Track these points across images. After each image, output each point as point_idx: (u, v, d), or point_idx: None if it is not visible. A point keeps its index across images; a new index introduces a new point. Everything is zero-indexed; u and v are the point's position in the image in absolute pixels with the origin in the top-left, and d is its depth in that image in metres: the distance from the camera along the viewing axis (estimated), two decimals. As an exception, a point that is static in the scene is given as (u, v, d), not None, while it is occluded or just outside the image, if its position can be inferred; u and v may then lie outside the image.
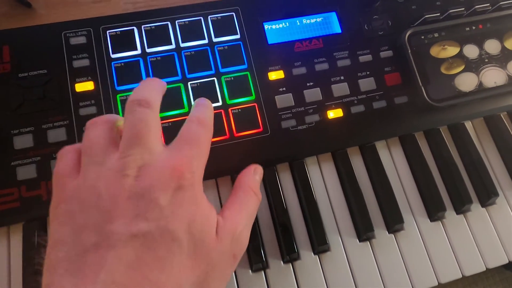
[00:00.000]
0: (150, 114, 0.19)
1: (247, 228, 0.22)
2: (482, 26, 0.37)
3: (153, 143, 0.18)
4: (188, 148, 0.19)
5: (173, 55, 0.33)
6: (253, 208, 0.23)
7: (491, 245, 0.32)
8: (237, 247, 0.21)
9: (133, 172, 0.17)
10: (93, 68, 0.31)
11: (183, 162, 0.18)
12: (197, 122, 0.21)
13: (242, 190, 0.23)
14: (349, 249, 0.31)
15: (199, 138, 0.20)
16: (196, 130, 0.20)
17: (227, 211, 0.21)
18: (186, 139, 0.20)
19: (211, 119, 0.22)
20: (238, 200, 0.23)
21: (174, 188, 0.18)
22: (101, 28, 0.33)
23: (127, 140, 0.18)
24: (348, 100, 0.34)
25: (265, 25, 0.35)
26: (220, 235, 0.19)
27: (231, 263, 0.20)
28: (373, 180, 0.34)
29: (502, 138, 0.36)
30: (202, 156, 0.20)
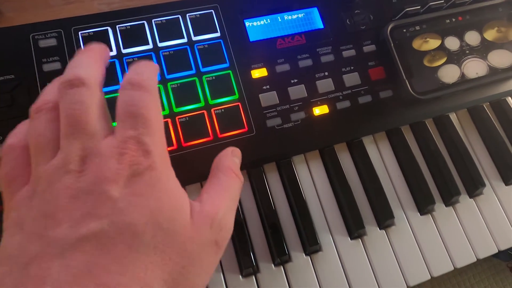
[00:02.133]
0: (85, 93, 0.16)
1: (231, 212, 0.19)
2: (462, 18, 0.37)
3: (95, 127, 0.16)
4: (130, 125, 0.16)
5: (151, 55, 0.31)
6: (235, 190, 0.20)
7: (481, 236, 0.32)
8: (220, 234, 0.17)
9: (75, 166, 0.15)
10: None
11: (130, 144, 0.15)
12: (130, 87, 0.16)
13: (221, 171, 0.20)
14: (341, 247, 0.31)
15: (141, 107, 0.16)
16: (132, 98, 0.16)
17: (205, 195, 0.18)
18: (124, 113, 0.16)
19: (149, 78, 0.17)
20: (218, 182, 0.19)
21: (128, 176, 0.15)
22: (72, 29, 0.31)
23: (64, 129, 0.15)
24: (333, 96, 0.34)
25: (246, 22, 0.34)
26: (196, 221, 0.17)
27: (214, 252, 0.17)
28: (362, 176, 0.33)
29: (486, 128, 0.36)
30: (154, 128, 0.16)
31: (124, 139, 0.15)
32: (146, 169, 0.15)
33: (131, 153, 0.15)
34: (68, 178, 0.15)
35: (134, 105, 0.16)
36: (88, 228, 0.14)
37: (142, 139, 0.16)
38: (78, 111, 0.15)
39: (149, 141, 0.16)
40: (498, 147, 0.35)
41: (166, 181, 0.16)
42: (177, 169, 0.29)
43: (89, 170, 0.15)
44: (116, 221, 0.14)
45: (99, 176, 0.15)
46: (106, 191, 0.15)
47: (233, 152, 0.23)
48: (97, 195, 0.15)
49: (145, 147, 0.16)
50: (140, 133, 0.16)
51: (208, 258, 0.17)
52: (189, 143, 0.30)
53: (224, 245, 0.18)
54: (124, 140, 0.15)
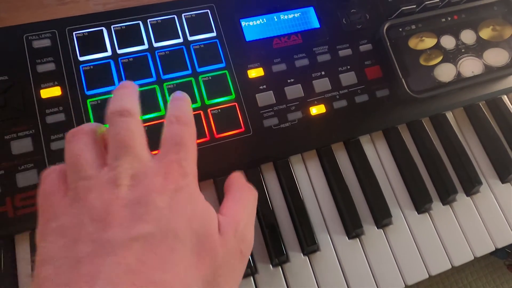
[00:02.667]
0: (133, 122, 0.19)
1: (250, 224, 0.21)
2: (457, 17, 0.37)
3: (140, 151, 0.18)
4: (175, 152, 0.19)
5: (146, 55, 0.31)
6: (252, 203, 0.22)
7: (478, 234, 0.33)
8: (243, 243, 0.20)
9: (126, 181, 0.17)
10: (60, 72, 0.29)
11: (174, 166, 0.18)
12: (176, 121, 0.20)
13: (235, 187, 0.23)
14: (339, 247, 0.30)
15: (183, 138, 0.20)
16: (177, 130, 0.20)
17: (225, 209, 0.21)
18: (170, 142, 0.19)
19: (190, 113, 0.21)
20: (235, 197, 0.22)
21: (171, 190, 0.18)
22: (66, 29, 0.31)
23: (114, 151, 0.18)
24: (330, 95, 0.34)
25: (242, 22, 0.34)
26: (223, 231, 0.19)
27: (239, 260, 0.20)
28: (359, 175, 0.33)
29: (482, 126, 0.36)
30: (191, 156, 0.20)
31: (169, 162, 0.18)
32: (184, 186, 0.18)
33: (174, 173, 0.18)
34: (119, 190, 0.17)
35: (179, 136, 0.20)
36: (138, 230, 0.16)
37: (183, 163, 0.19)
38: (128, 137, 0.18)
39: (187, 165, 0.19)
40: (494, 145, 0.36)
41: (198, 196, 0.19)
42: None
43: (139, 185, 0.17)
44: (161, 226, 0.16)
45: (147, 190, 0.17)
46: (153, 201, 0.17)
47: (241, 174, 0.25)
48: (145, 204, 0.17)
49: (184, 170, 0.19)
50: (181, 158, 0.19)
51: (235, 264, 0.19)
52: (185, 143, 0.30)
53: (248, 255, 0.20)
54: (169, 163, 0.18)
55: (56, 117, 0.28)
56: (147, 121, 0.30)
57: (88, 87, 0.29)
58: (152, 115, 0.30)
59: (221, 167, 0.30)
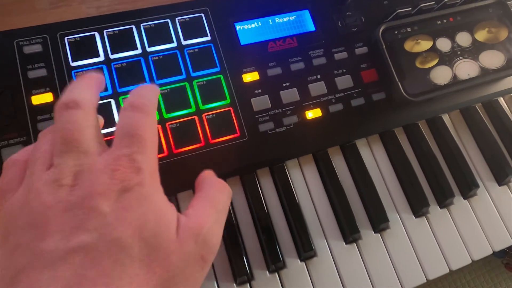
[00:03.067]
0: (79, 114, 0.17)
1: (217, 226, 0.19)
2: (453, 19, 0.37)
3: (88, 145, 0.16)
4: (125, 144, 0.17)
5: (140, 60, 0.31)
6: (223, 201, 0.20)
7: (475, 237, 0.32)
8: (205, 248, 0.18)
9: (68, 181, 0.15)
10: (51, 78, 0.29)
11: (123, 161, 0.16)
12: (130, 108, 0.18)
13: (207, 183, 0.20)
14: (336, 252, 0.30)
15: (137, 127, 0.17)
16: (131, 119, 0.17)
17: (191, 209, 0.19)
18: (121, 133, 0.17)
19: (151, 100, 0.19)
20: (204, 194, 0.20)
21: (118, 191, 0.16)
22: (58, 34, 0.30)
23: (58, 147, 0.16)
24: (326, 99, 0.33)
25: (237, 26, 0.34)
26: (181, 235, 0.17)
27: (199, 266, 0.17)
28: (356, 179, 0.33)
29: (478, 129, 0.36)
30: (147, 148, 0.17)
31: (118, 156, 0.16)
32: (135, 185, 0.16)
33: (123, 169, 0.16)
34: (60, 192, 0.15)
35: (132, 125, 0.17)
36: (78, 241, 0.14)
37: (135, 157, 0.16)
38: (72, 131, 0.16)
39: (141, 159, 0.17)
40: (490, 147, 0.35)
41: (153, 197, 0.17)
42: (168, 176, 0.29)
43: (81, 185, 0.15)
44: (104, 235, 0.15)
45: (90, 191, 0.15)
46: (97, 205, 0.15)
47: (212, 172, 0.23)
48: (87, 209, 0.15)
49: (137, 165, 0.16)
50: (133, 151, 0.17)
51: (193, 273, 0.17)
52: (180, 149, 0.29)
53: (210, 260, 0.18)
54: (118, 157, 0.16)
55: (48, 124, 0.28)
56: (140, 127, 0.29)
57: (81, 93, 0.29)
58: (146, 121, 0.29)
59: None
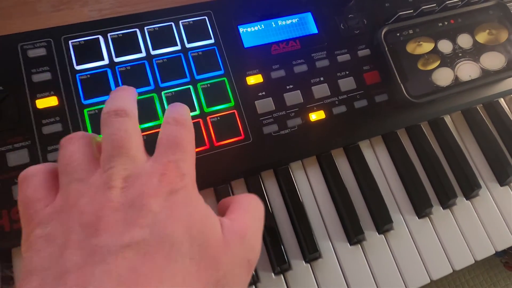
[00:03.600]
0: (128, 122, 0.18)
1: (258, 232, 0.20)
2: (454, 21, 0.37)
3: (135, 151, 0.17)
4: (171, 152, 0.18)
5: (144, 63, 0.31)
6: (260, 212, 0.21)
7: (478, 237, 0.33)
8: (251, 251, 0.18)
9: (119, 183, 0.16)
10: (56, 82, 0.29)
11: (170, 167, 0.17)
12: (174, 122, 0.19)
13: (243, 196, 0.22)
14: (341, 254, 0.30)
15: (181, 139, 0.19)
16: (175, 131, 0.19)
17: (232, 214, 0.20)
18: (167, 143, 0.18)
19: (188, 116, 0.20)
20: (243, 204, 0.21)
21: (166, 192, 0.16)
22: (62, 38, 0.30)
23: (108, 151, 0.17)
24: (329, 101, 0.34)
25: (240, 28, 0.34)
26: (228, 237, 0.18)
27: (246, 269, 0.18)
28: (359, 181, 0.33)
29: (480, 130, 0.37)
30: (189, 157, 0.19)
31: (166, 163, 0.17)
32: (181, 188, 0.17)
33: (170, 174, 0.17)
34: (111, 192, 0.16)
35: (177, 137, 0.18)
36: (131, 236, 0.15)
37: (180, 164, 0.18)
38: (123, 138, 0.17)
39: (185, 166, 0.18)
40: (492, 148, 0.36)
41: (197, 199, 0.18)
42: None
43: (131, 187, 0.16)
44: (156, 231, 0.15)
45: (141, 192, 0.16)
46: (148, 204, 0.16)
47: None
48: (139, 208, 0.15)
49: (182, 171, 0.17)
50: (178, 159, 0.18)
51: (240, 275, 0.18)
52: (185, 152, 0.29)
53: (255, 264, 0.19)
54: (165, 163, 0.17)
55: (53, 128, 0.28)
56: (145, 130, 0.29)
57: (85, 96, 0.29)
58: (151, 124, 0.30)
59: (221, 175, 0.30)
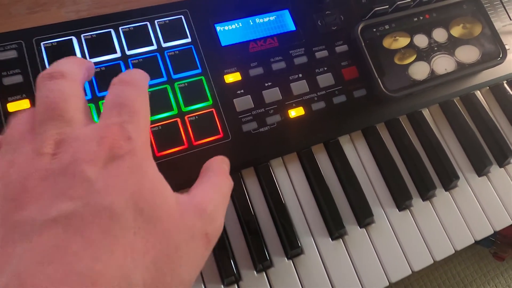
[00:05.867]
0: (65, 84, 0.16)
1: (222, 208, 0.18)
2: (429, 16, 0.38)
3: (73, 114, 0.15)
4: (116, 113, 0.16)
5: (119, 64, 0.30)
6: (226, 190, 0.20)
7: (458, 227, 0.33)
8: (211, 225, 0.17)
9: (49, 149, 0.14)
10: (28, 85, 0.28)
11: (113, 129, 0.15)
12: (119, 82, 0.17)
13: (212, 171, 0.20)
14: (323, 249, 0.30)
15: (127, 98, 0.16)
16: (121, 91, 0.17)
17: (195, 189, 0.18)
18: (111, 104, 0.16)
19: (140, 77, 0.18)
20: (209, 180, 0.19)
21: (106, 158, 0.14)
22: (34, 40, 0.30)
23: (40, 115, 0.15)
24: (308, 97, 0.34)
25: (217, 27, 0.34)
26: (184, 209, 0.16)
27: (203, 244, 0.16)
28: (340, 176, 0.33)
29: (457, 122, 0.37)
30: (139, 118, 0.16)
31: (107, 125, 0.15)
32: (126, 154, 0.15)
33: (112, 136, 0.15)
34: (41, 160, 0.14)
35: (122, 97, 0.16)
36: (59, 209, 0.13)
37: (126, 126, 0.15)
38: (56, 98, 0.15)
39: (132, 129, 0.15)
40: (469, 140, 0.36)
41: (147, 168, 0.16)
42: (151, 180, 0.28)
43: (64, 153, 0.14)
44: (91, 203, 0.13)
45: (74, 157, 0.14)
46: (81, 171, 0.14)
47: (223, 159, 0.23)
48: (70, 176, 0.14)
49: (127, 133, 0.15)
50: (124, 120, 0.15)
51: (196, 250, 0.16)
52: (162, 152, 0.29)
53: (214, 239, 0.17)
54: (107, 125, 0.15)
55: (26, 131, 0.27)
56: (122, 131, 0.29)
57: (59, 98, 0.28)
58: (127, 125, 0.29)
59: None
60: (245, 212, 0.30)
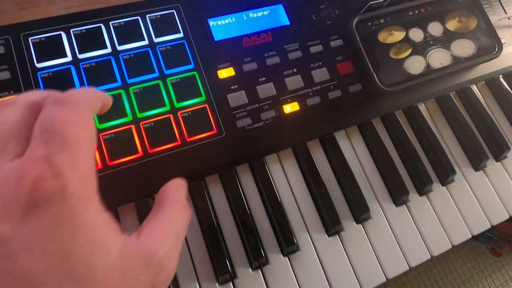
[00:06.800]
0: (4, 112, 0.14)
1: (175, 250, 0.16)
2: (424, 9, 0.37)
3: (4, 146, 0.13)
4: (43, 143, 0.13)
5: (110, 59, 0.30)
6: (182, 225, 0.18)
7: (454, 222, 0.33)
8: (160, 274, 0.15)
9: None
10: (16, 81, 0.28)
11: (36, 165, 0.12)
12: (52, 103, 0.14)
13: (166, 202, 0.18)
14: (319, 245, 0.30)
15: (60, 122, 0.13)
16: (52, 113, 0.14)
17: (146, 229, 0.16)
18: (38, 131, 0.13)
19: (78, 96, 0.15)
20: (162, 215, 0.17)
21: (25, 206, 0.12)
22: (21, 35, 0.29)
23: None
24: (303, 92, 0.33)
25: (210, 22, 0.33)
26: (129, 260, 0.14)
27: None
28: (336, 171, 0.33)
29: (453, 116, 0.37)
30: (73, 147, 0.13)
31: (30, 160, 0.12)
32: (53, 197, 0.12)
33: (35, 176, 0.12)
34: None
35: (51, 121, 0.13)
36: None
37: (54, 158, 0.12)
38: None
39: (63, 161, 0.13)
40: (466, 134, 0.36)
41: (83, 214, 0.13)
42: (144, 177, 0.28)
43: None
44: (5, 269, 0.11)
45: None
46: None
47: (180, 182, 0.20)
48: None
49: (56, 169, 0.12)
50: (51, 152, 0.13)
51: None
52: (155, 149, 0.29)
53: (165, 285, 0.16)
54: (30, 161, 0.12)
55: (14, 129, 0.27)
56: (112, 128, 0.28)
57: (48, 95, 0.28)
58: (118, 122, 0.29)
59: (194, 172, 0.29)
60: (240, 209, 0.30)
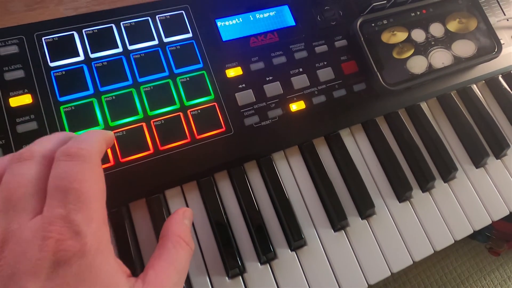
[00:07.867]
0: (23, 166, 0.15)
1: (178, 287, 0.18)
2: (426, 11, 0.38)
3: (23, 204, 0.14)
4: (60, 201, 0.14)
5: (121, 58, 0.30)
6: (184, 262, 0.19)
7: (456, 218, 0.34)
8: None
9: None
10: (30, 79, 0.28)
11: (57, 225, 0.13)
12: (64, 157, 0.15)
13: (170, 240, 0.19)
14: (325, 240, 0.31)
15: (74, 179, 0.14)
16: (65, 170, 0.15)
17: (151, 270, 0.17)
18: (54, 188, 0.14)
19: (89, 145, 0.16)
20: (166, 254, 0.19)
21: (51, 266, 0.13)
22: (35, 35, 0.30)
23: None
24: (308, 91, 0.34)
25: (218, 22, 0.34)
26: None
27: None
28: (341, 168, 0.34)
29: (455, 115, 0.38)
30: (89, 203, 0.14)
31: (50, 220, 0.13)
32: (74, 255, 0.13)
33: (57, 236, 0.13)
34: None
35: (65, 178, 0.14)
36: None
37: (72, 217, 0.14)
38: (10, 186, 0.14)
39: (81, 219, 0.14)
40: (467, 132, 0.37)
41: (100, 268, 0.14)
42: (155, 174, 0.29)
43: (6, 260, 0.13)
44: None
45: (15, 269, 0.13)
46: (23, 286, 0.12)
47: (184, 213, 0.22)
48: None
49: (75, 228, 0.14)
50: (69, 210, 0.14)
51: None
52: (166, 146, 0.29)
53: None
54: (50, 221, 0.13)
55: (28, 126, 0.27)
56: (123, 126, 0.29)
57: (61, 93, 0.28)
58: (129, 119, 0.29)
59: (204, 168, 0.30)
60: (248, 205, 0.30)
